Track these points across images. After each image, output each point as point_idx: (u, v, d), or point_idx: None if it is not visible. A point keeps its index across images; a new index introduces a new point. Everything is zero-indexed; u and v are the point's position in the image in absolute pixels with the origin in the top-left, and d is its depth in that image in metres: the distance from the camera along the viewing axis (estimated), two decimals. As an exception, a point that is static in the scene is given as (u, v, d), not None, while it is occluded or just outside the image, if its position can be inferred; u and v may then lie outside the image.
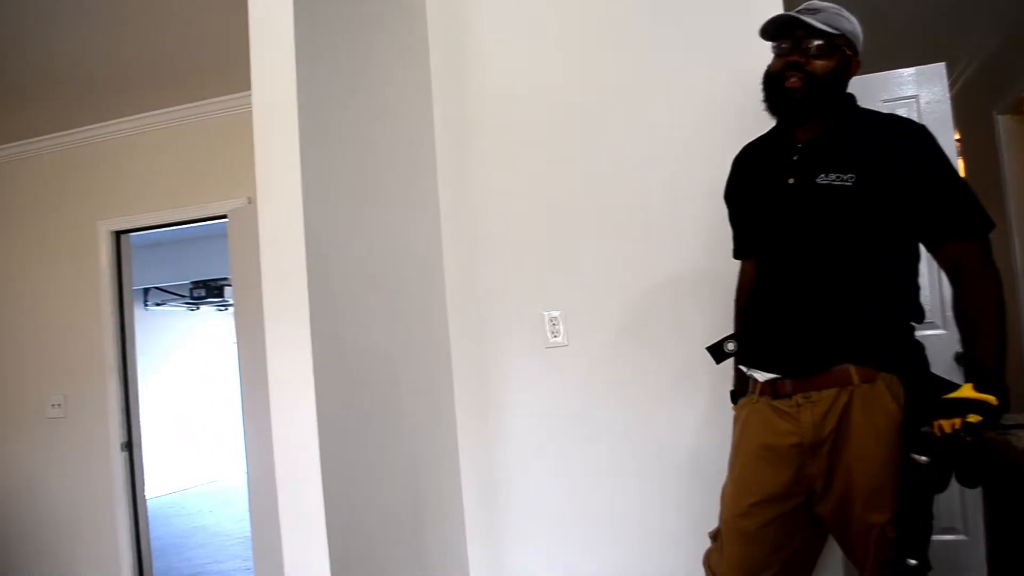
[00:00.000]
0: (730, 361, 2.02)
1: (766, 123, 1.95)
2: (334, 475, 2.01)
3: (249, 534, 6.81)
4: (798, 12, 1.78)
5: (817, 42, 1.77)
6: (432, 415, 2.68)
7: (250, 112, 4.02)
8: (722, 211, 2.08)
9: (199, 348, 9.82)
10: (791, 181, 1.80)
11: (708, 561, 1.95)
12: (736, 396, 2.06)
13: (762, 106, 1.85)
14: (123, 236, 4.41)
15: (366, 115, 2.43)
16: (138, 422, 4.37)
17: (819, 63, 1.77)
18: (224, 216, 4.08)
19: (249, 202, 3.99)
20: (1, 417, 4.63)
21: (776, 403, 1.79)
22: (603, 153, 2.68)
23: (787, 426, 1.76)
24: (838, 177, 1.72)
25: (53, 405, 4.44)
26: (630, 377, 2.62)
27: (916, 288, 1.79)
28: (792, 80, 1.77)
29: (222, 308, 9.65)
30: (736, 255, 2.11)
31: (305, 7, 2.11)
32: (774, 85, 1.82)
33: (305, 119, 2.08)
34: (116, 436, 4.28)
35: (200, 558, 6.11)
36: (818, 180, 1.75)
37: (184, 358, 9.53)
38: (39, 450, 4.52)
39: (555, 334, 2.72)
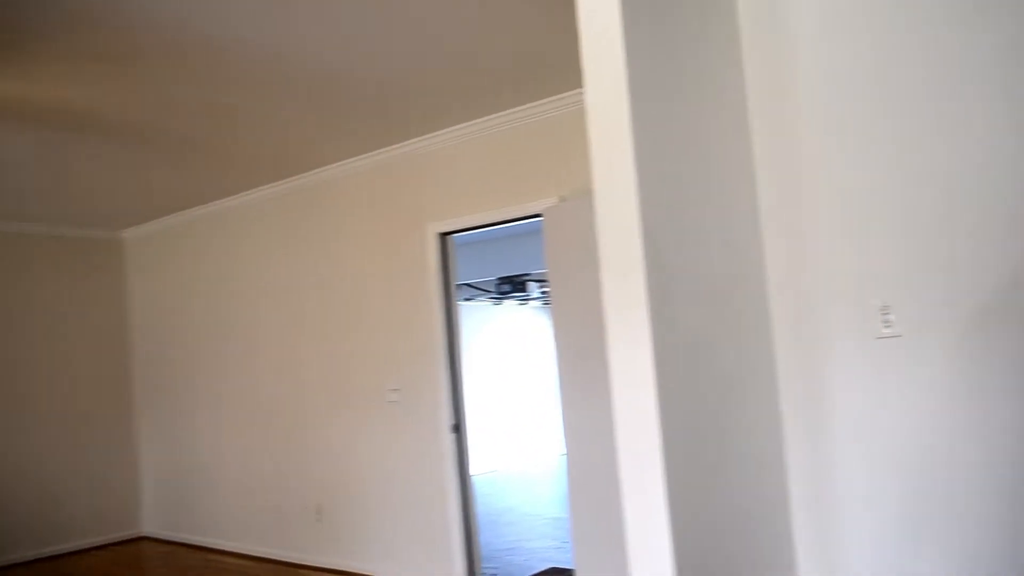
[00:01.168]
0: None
1: None
2: (674, 464, 2.08)
3: (555, 516, 7.19)
4: None
5: None
6: (757, 405, 2.68)
7: (561, 115, 4.25)
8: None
9: (501, 340, 10.47)
10: None
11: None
12: None
13: None
14: (447, 237, 4.84)
15: (687, 107, 2.49)
16: (464, 406, 4.78)
17: None
18: (538, 215, 4.34)
19: (561, 200, 4.21)
20: (349, 401, 5.31)
21: None
22: (939, 135, 2.50)
23: None
24: None
25: (391, 390, 5.00)
26: (970, 371, 2.43)
27: None
28: None
29: (523, 302, 10.21)
30: None
31: (631, 6, 2.21)
32: None
33: (637, 116, 2.17)
34: (446, 419, 4.71)
35: (512, 535, 6.52)
36: None
37: (488, 349, 10.22)
38: (380, 430, 5.12)
39: (887, 324, 2.59)
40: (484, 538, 6.34)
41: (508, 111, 4.45)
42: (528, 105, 4.36)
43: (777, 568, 2.65)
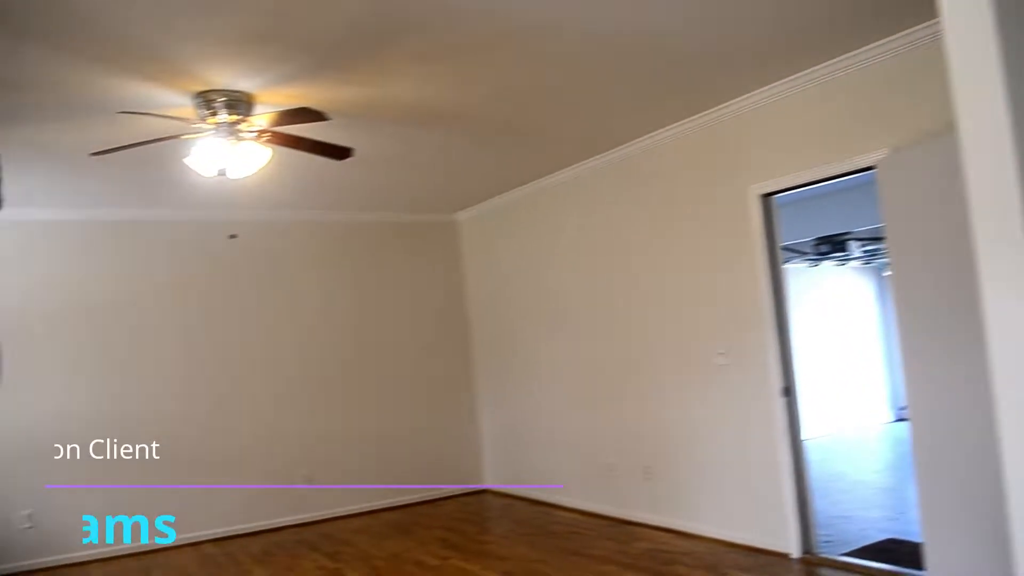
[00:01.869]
0: None
1: None
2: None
3: (887, 485, 6.82)
4: None
5: None
6: None
7: (888, 60, 3.98)
8: None
9: (820, 303, 10.01)
10: None
11: None
12: None
13: None
14: (770, 198, 4.74)
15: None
16: (794, 369, 4.68)
17: None
18: (868, 168, 4.10)
19: (894, 151, 3.94)
20: (676, 364, 5.43)
21: None
22: None
23: None
24: None
25: (719, 354, 5.02)
26: None
27: None
28: None
29: (842, 263, 9.68)
30: None
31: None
32: None
33: (1005, 42, 1.99)
34: (776, 382, 4.65)
35: (845, 503, 6.28)
36: None
37: (805, 312, 9.79)
38: (708, 393, 5.17)
39: None
40: (816, 504, 6.17)
41: (829, 63, 4.22)
42: (851, 54, 4.10)
43: None
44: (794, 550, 4.64)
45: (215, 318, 6.70)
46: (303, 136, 4.09)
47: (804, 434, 4.75)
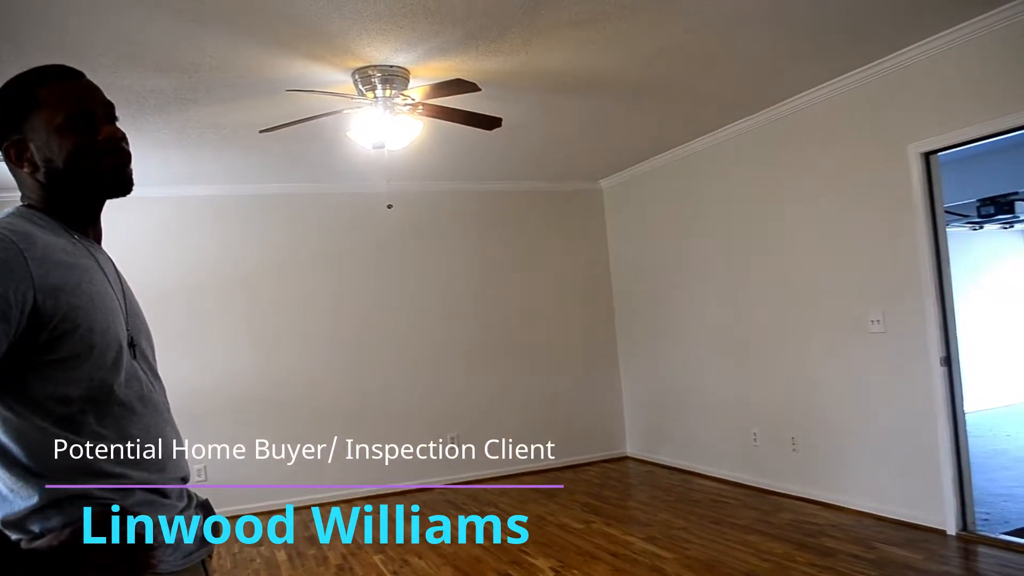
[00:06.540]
0: None
1: None
2: None
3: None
4: None
5: None
6: None
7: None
8: None
9: (981, 268, 9.42)
10: None
11: None
12: None
13: None
14: (931, 157, 4.50)
15: None
16: (955, 338, 4.46)
17: None
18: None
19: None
20: (827, 332, 5.28)
21: None
22: None
23: None
24: None
25: (873, 321, 4.85)
26: None
27: None
28: None
29: (1007, 226, 9.06)
30: None
31: None
32: None
33: None
34: (935, 351, 4.46)
35: (1006, 480, 5.97)
36: None
37: (965, 278, 9.23)
38: (861, 362, 5.01)
39: None
40: (974, 481, 5.90)
41: (992, 12, 3.94)
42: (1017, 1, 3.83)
43: None
44: (950, 527, 4.47)
45: (367, 286, 7.03)
46: (455, 107, 4.21)
47: (965, 406, 4.54)
